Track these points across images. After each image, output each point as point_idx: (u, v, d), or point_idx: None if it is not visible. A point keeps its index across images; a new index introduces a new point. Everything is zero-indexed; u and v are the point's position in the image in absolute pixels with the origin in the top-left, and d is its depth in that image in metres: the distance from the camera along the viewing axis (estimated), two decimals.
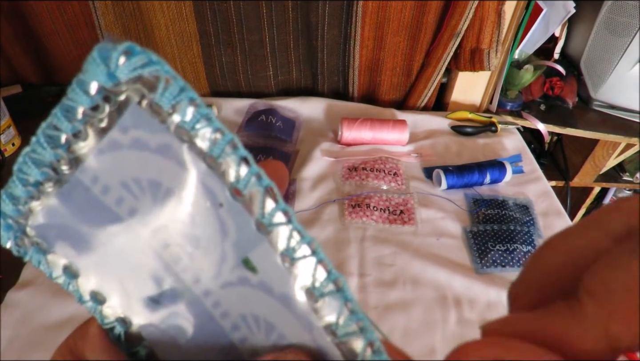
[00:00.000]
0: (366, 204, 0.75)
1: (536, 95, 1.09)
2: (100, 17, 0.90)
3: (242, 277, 0.13)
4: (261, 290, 0.13)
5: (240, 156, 0.12)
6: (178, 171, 0.12)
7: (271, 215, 0.12)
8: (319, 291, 0.13)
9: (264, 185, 0.12)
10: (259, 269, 0.13)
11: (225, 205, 0.12)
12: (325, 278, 0.13)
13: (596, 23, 1.01)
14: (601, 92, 1.06)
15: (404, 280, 0.65)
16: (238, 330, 0.14)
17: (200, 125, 0.12)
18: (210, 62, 0.95)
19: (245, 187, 0.12)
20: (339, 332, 0.13)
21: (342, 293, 0.13)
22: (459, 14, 0.85)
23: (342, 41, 0.94)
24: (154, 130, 0.12)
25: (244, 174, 0.12)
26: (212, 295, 0.14)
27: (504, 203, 0.78)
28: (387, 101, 1.03)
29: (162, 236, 0.13)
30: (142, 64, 0.12)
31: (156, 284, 0.14)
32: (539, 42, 1.04)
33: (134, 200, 0.13)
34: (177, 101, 0.12)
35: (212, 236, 0.13)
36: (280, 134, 0.88)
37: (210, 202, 0.12)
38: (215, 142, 0.12)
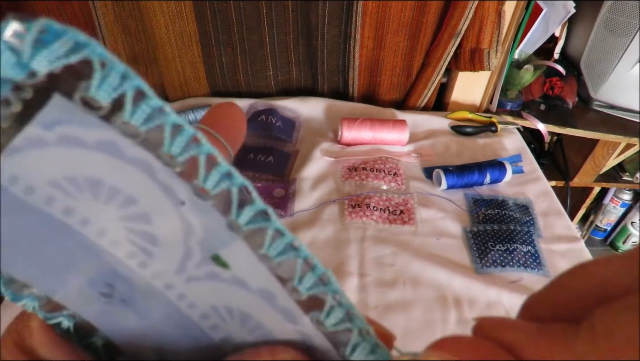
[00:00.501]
0: (366, 204, 0.75)
1: (536, 95, 1.09)
2: (100, 17, 0.90)
3: (211, 272, 0.13)
4: (234, 285, 0.13)
5: (206, 152, 0.11)
6: (125, 169, 0.11)
7: (247, 215, 0.12)
8: (304, 287, 0.12)
9: (237, 184, 0.11)
10: (231, 265, 0.12)
11: (189, 203, 0.11)
12: (310, 274, 0.12)
13: (596, 23, 1.01)
14: (601, 92, 1.06)
15: (404, 280, 0.65)
16: (207, 318, 0.14)
17: (152, 120, 0.11)
18: (210, 62, 0.95)
19: (213, 187, 0.11)
20: (327, 323, 0.13)
21: (329, 287, 0.13)
22: (459, 14, 0.85)
23: (342, 41, 0.94)
24: (90, 125, 0.10)
25: (211, 172, 0.11)
26: (176, 288, 0.13)
27: (504, 203, 0.78)
28: (387, 101, 1.03)
29: (111, 235, 0.12)
30: (68, 51, 0.10)
31: (107, 280, 0.14)
32: (539, 42, 1.05)
33: (69, 199, 0.11)
34: (118, 93, 0.10)
35: (173, 234, 0.12)
36: (280, 134, 0.88)
37: (170, 200, 0.11)
38: (173, 139, 0.11)
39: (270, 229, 0.12)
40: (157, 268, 0.13)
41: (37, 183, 0.11)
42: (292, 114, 0.95)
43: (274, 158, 0.83)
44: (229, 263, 0.12)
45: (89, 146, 0.11)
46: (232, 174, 0.11)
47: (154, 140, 0.11)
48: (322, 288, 0.12)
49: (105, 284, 0.14)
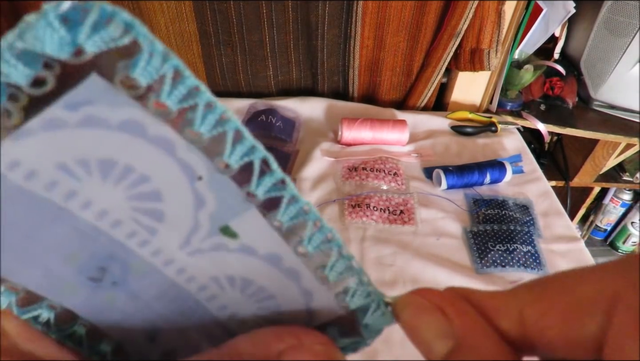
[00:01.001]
0: (366, 204, 0.75)
1: (536, 95, 1.09)
2: None
3: (217, 244, 0.13)
4: (241, 253, 0.13)
5: (234, 128, 0.11)
6: (145, 148, 0.11)
7: (265, 185, 0.12)
8: (312, 246, 0.13)
9: (259, 157, 0.12)
10: (240, 235, 0.13)
11: (206, 178, 0.12)
12: (318, 233, 0.13)
13: (596, 23, 1.01)
14: (601, 92, 1.06)
15: (404, 280, 0.65)
16: (205, 289, 0.14)
17: (187, 100, 0.11)
18: (210, 62, 0.95)
19: (237, 161, 0.11)
20: (330, 276, 0.13)
21: (333, 243, 0.13)
22: (459, 14, 0.85)
23: (342, 41, 0.94)
24: (118, 105, 0.10)
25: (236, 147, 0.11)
26: (176, 263, 0.14)
27: (504, 203, 0.78)
28: (387, 101, 1.03)
29: (114, 215, 0.12)
30: (121, 33, 0.10)
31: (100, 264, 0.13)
32: (539, 42, 1.05)
33: (74, 182, 0.11)
34: (160, 75, 0.10)
35: (183, 209, 0.12)
36: (280, 134, 0.88)
37: (186, 176, 0.12)
38: (204, 117, 0.11)
39: (286, 197, 0.12)
40: (158, 245, 0.13)
41: (42, 166, 0.11)
42: (292, 114, 0.95)
43: (274, 158, 0.83)
44: (238, 232, 0.13)
45: (111, 126, 0.10)
46: (255, 147, 0.12)
47: (184, 118, 0.11)
48: (327, 244, 0.13)
49: (97, 269, 0.14)
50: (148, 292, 0.14)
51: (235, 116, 0.11)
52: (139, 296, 0.15)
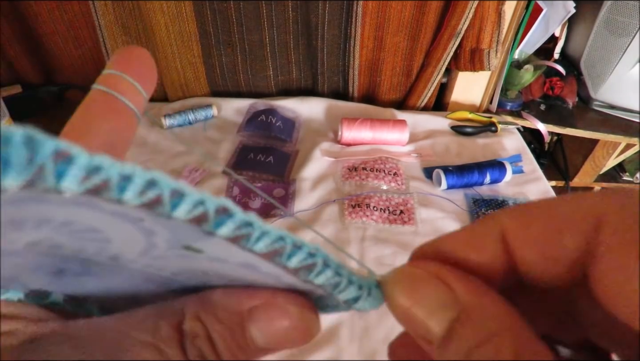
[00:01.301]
0: (366, 204, 0.75)
1: (536, 95, 1.09)
2: (100, 17, 0.90)
3: (181, 254, 0.12)
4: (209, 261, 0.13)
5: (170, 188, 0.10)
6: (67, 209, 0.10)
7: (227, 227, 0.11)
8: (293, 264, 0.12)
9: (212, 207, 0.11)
10: (206, 251, 0.12)
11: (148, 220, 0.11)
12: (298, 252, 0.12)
13: (596, 23, 1.01)
14: (601, 92, 1.06)
15: None
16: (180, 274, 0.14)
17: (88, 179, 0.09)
18: (210, 62, 0.95)
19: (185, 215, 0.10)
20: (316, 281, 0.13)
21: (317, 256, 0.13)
22: (459, 14, 0.85)
23: (342, 41, 0.94)
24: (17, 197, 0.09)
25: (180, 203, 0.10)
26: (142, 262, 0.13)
27: (504, 203, 0.78)
28: (387, 101, 1.03)
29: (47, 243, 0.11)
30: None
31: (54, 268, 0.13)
32: (539, 42, 1.05)
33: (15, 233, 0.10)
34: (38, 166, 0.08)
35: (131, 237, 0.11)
36: (280, 134, 0.88)
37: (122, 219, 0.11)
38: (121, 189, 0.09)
39: (255, 232, 0.12)
40: (115, 252, 0.12)
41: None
42: (292, 114, 0.95)
43: (274, 158, 0.83)
44: (203, 249, 0.12)
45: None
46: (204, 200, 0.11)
47: (100, 190, 0.09)
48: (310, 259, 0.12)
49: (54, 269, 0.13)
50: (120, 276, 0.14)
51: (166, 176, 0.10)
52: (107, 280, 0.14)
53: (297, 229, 0.71)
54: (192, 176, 0.79)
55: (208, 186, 0.78)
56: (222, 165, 0.83)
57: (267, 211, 0.74)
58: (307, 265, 0.13)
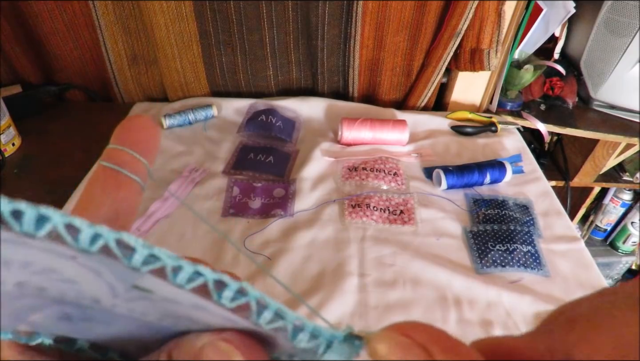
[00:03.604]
0: (366, 204, 0.75)
1: (536, 95, 1.09)
2: (100, 17, 0.90)
3: (140, 295, 0.13)
4: (167, 302, 0.13)
5: (63, 223, 0.11)
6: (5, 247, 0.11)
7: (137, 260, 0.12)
8: (226, 300, 0.13)
9: (113, 238, 0.11)
10: (155, 290, 0.13)
11: (80, 257, 0.11)
12: (226, 290, 0.13)
13: (596, 23, 1.01)
14: (601, 92, 1.06)
15: (404, 280, 0.65)
16: (165, 319, 0.15)
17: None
18: (210, 62, 0.95)
19: (90, 246, 0.11)
20: (261, 323, 0.13)
21: (250, 295, 0.13)
22: (459, 14, 0.85)
23: (342, 41, 0.94)
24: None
25: (78, 237, 0.11)
26: (121, 306, 0.14)
27: (504, 203, 0.78)
28: (387, 101, 1.03)
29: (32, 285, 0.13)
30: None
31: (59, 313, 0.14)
32: (539, 42, 1.04)
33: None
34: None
35: (85, 276, 0.12)
36: (280, 134, 0.88)
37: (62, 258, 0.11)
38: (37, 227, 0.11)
39: (168, 266, 0.12)
40: (92, 296, 0.13)
41: None
42: (292, 114, 0.95)
43: (274, 158, 0.83)
44: (150, 289, 0.13)
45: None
46: (99, 233, 0.11)
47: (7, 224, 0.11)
48: (243, 298, 0.13)
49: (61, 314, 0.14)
50: (117, 322, 0.15)
51: (56, 212, 0.11)
52: (111, 324, 0.15)
53: (297, 229, 0.71)
54: (192, 176, 0.79)
55: (208, 186, 0.78)
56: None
57: (267, 211, 0.74)
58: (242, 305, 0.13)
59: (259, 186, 0.78)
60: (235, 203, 0.75)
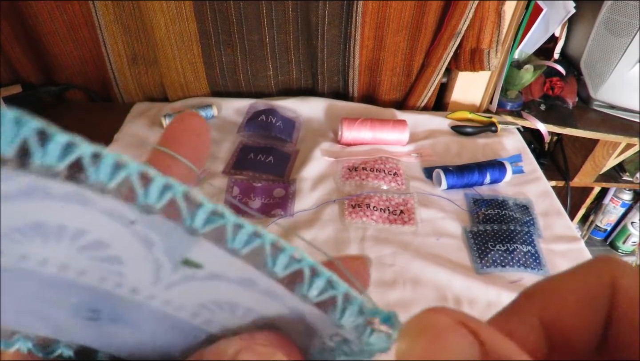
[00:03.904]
0: (366, 204, 0.75)
1: (536, 95, 1.09)
2: (100, 17, 0.90)
3: (187, 275, 0.13)
4: (213, 280, 0.13)
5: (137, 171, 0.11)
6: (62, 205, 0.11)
7: (200, 218, 0.12)
8: (279, 268, 0.13)
9: (179, 192, 0.11)
10: (204, 264, 0.13)
11: (140, 221, 0.11)
12: (281, 255, 0.13)
13: (596, 23, 1.01)
14: (601, 92, 1.06)
15: (404, 280, 0.65)
16: (199, 316, 0.14)
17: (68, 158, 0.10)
18: (210, 62, 0.95)
19: (157, 200, 0.11)
20: (310, 295, 0.13)
21: (303, 262, 0.13)
22: (459, 14, 0.85)
23: (342, 41, 0.94)
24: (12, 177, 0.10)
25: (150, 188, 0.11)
26: (159, 297, 0.14)
27: (504, 203, 0.78)
28: (387, 101, 1.03)
29: (75, 266, 0.12)
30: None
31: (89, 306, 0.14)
32: (539, 42, 1.05)
33: (18, 246, 0.11)
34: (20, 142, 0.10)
35: (135, 251, 0.12)
36: (280, 134, 0.88)
37: (119, 223, 0.11)
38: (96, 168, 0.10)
39: (228, 225, 0.12)
40: (132, 284, 0.13)
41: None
42: (292, 114, 0.95)
43: (274, 158, 0.83)
44: (200, 262, 0.13)
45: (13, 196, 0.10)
46: (171, 184, 0.11)
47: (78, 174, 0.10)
48: (296, 264, 0.13)
49: (88, 310, 0.14)
50: (146, 323, 0.15)
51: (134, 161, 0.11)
52: (140, 327, 0.15)
53: (297, 229, 0.71)
54: None
55: (208, 186, 0.78)
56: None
57: (267, 211, 0.74)
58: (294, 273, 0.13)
59: (259, 186, 0.78)
60: (235, 203, 0.75)
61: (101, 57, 0.96)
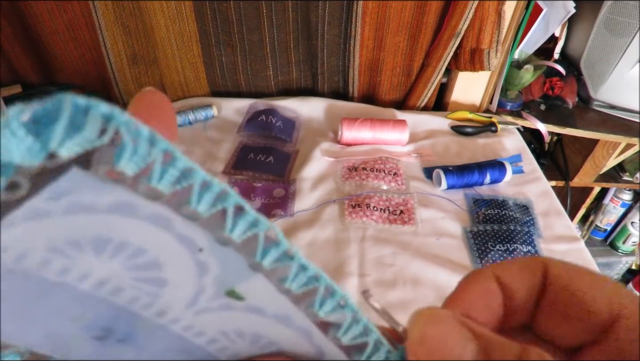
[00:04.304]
0: (366, 204, 0.75)
1: (536, 95, 1.09)
2: (100, 17, 0.90)
3: (224, 304, 0.13)
4: (249, 312, 0.13)
5: (234, 204, 0.11)
6: (138, 225, 0.10)
7: (272, 256, 0.12)
8: (324, 311, 0.13)
9: (262, 229, 0.11)
10: (247, 297, 0.13)
11: (208, 249, 0.11)
12: (330, 299, 0.13)
13: (596, 23, 1.01)
14: (601, 92, 1.06)
15: (404, 280, 0.65)
16: (216, 342, 0.14)
17: (180, 182, 0.10)
18: (210, 62, 0.95)
19: (240, 235, 0.11)
20: (344, 339, 0.13)
21: (347, 308, 0.13)
22: (459, 14, 0.85)
23: (342, 41, 0.94)
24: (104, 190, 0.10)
25: (238, 222, 0.11)
26: (183, 321, 0.14)
27: (504, 203, 0.78)
28: (387, 101, 1.03)
29: (113, 283, 0.12)
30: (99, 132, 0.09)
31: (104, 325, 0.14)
32: (539, 42, 1.04)
33: (65, 260, 0.11)
34: (147, 163, 0.09)
35: (185, 277, 0.12)
36: (280, 134, 0.88)
37: (186, 248, 0.11)
38: (201, 196, 0.10)
39: (294, 266, 0.12)
40: (163, 307, 0.13)
41: (31, 250, 0.10)
42: (292, 114, 0.95)
43: (274, 158, 0.83)
44: (244, 295, 0.13)
45: (100, 210, 0.10)
46: (259, 220, 0.11)
47: (179, 198, 0.10)
48: (340, 310, 0.13)
49: (101, 329, 0.14)
50: (156, 345, 0.14)
51: (234, 191, 0.11)
52: (147, 349, 0.15)
53: (297, 229, 0.71)
54: None
55: None
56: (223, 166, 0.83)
57: (267, 211, 0.74)
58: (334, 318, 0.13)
59: (259, 186, 0.78)
60: None
61: (101, 57, 0.96)
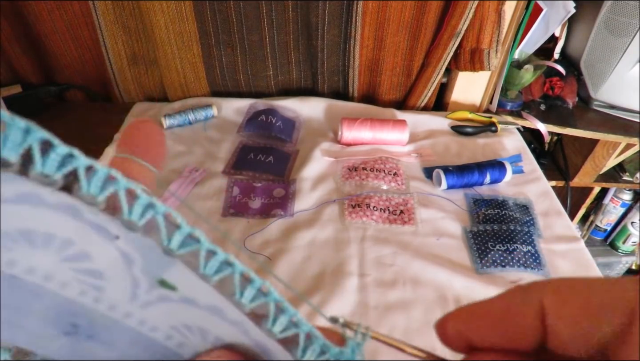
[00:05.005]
0: (366, 204, 0.75)
1: (536, 95, 1.09)
2: (100, 17, 0.90)
3: (162, 295, 0.13)
4: (185, 303, 0.13)
5: (124, 188, 0.11)
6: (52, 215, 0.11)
7: (177, 240, 0.12)
8: (246, 299, 0.13)
9: (160, 212, 0.12)
10: (177, 287, 0.13)
11: (122, 237, 0.12)
12: (249, 287, 0.13)
13: (596, 23, 1.01)
14: (601, 92, 1.06)
15: (404, 280, 0.65)
16: (172, 338, 0.15)
17: (64, 166, 0.11)
18: (210, 62, 0.95)
19: (139, 218, 0.11)
20: (274, 330, 0.13)
21: (270, 297, 0.13)
22: (459, 14, 0.85)
23: (342, 41, 0.94)
24: (6, 181, 0.11)
25: (134, 205, 0.11)
26: (135, 315, 0.14)
27: (504, 203, 0.78)
28: (387, 101, 1.03)
29: (58, 277, 0.13)
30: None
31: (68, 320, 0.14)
32: (539, 42, 1.04)
33: (7, 252, 0.12)
34: (24, 148, 0.10)
35: (115, 266, 0.13)
36: (280, 134, 0.88)
37: (103, 236, 0.12)
38: (89, 180, 0.11)
39: (202, 250, 0.12)
40: (110, 300, 0.13)
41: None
42: (292, 114, 0.95)
43: (274, 158, 0.83)
44: (174, 284, 0.13)
45: (9, 200, 0.11)
46: (153, 204, 0.12)
47: (72, 184, 0.11)
48: (263, 298, 0.13)
49: (68, 324, 0.14)
50: (121, 342, 0.15)
51: (120, 174, 0.11)
52: (115, 346, 0.15)
53: (297, 229, 0.71)
54: (192, 176, 0.79)
55: (208, 186, 0.78)
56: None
57: (267, 211, 0.74)
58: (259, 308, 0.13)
59: (259, 186, 0.78)
60: (235, 203, 0.75)
61: (101, 57, 0.96)
